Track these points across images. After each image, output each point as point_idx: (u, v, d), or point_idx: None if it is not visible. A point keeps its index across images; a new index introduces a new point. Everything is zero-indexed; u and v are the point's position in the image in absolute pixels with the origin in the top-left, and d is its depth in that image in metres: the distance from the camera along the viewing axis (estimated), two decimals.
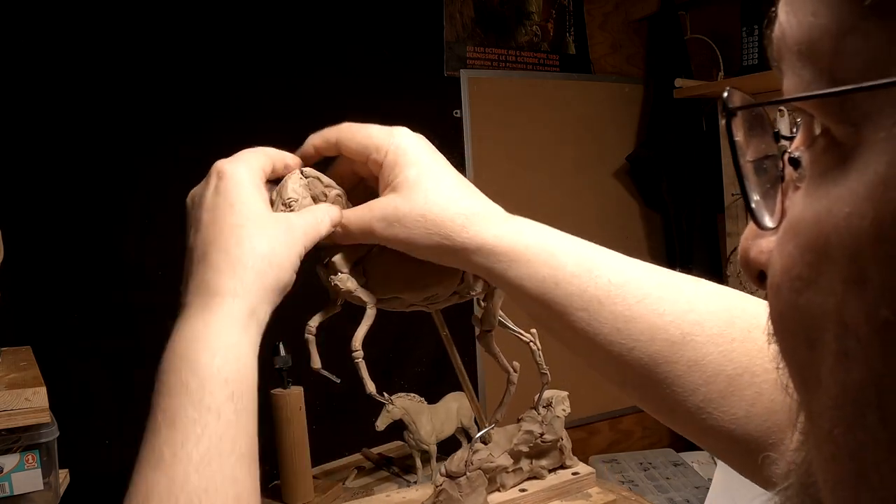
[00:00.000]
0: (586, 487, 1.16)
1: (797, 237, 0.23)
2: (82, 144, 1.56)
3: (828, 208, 0.22)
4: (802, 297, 0.23)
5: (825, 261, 0.22)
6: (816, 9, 0.22)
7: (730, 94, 0.26)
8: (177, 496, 0.41)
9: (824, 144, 0.23)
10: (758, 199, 0.26)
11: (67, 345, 1.53)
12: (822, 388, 0.23)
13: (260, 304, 0.49)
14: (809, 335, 0.23)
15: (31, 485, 1.00)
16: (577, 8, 2.27)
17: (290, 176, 0.58)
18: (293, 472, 1.20)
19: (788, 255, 0.24)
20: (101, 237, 1.58)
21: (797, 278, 0.23)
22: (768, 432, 0.45)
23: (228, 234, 0.49)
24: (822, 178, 0.23)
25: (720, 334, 0.48)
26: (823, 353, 0.23)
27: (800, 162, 0.24)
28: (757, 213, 0.26)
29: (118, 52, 1.59)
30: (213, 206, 0.51)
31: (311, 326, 0.60)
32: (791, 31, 0.23)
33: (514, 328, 0.71)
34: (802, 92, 0.23)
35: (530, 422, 1.10)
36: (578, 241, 0.53)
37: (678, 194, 2.33)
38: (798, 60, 0.23)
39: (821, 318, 0.23)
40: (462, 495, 0.99)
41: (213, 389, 0.44)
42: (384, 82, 1.90)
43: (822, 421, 0.24)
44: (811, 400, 0.25)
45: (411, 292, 0.60)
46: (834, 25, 0.21)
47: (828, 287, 0.22)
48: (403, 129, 0.57)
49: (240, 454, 0.44)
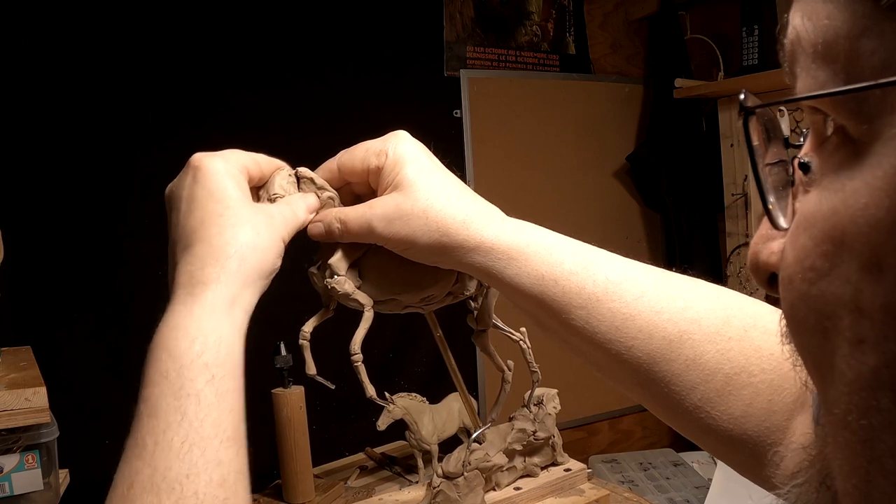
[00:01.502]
0: (579, 483, 1.17)
1: (811, 229, 0.24)
2: (82, 144, 1.56)
3: (844, 200, 0.23)
4: (816, 286, 0.24)
5: (841, 250, 0.23)
6: (831, 12, 0.23)
7: (745, 95, 0.27)
8: (158, 484, 0.41)
9: (837, 142, 0.24)
10: (773, 200, 0.27)
11: (67, 345, 1.53)
12: (837, 376, 0.24)
13: (243, 290, 0.49)
14: (823, 324, 0.24)
15: (31, 485, 1.00)
16: (577, 8, 2.27)
17: (278, 172, 0.58)
18: (294, 471, 1.21)
19: (802, 247, 0.25)
20: (102, 237, 1.58)
21: (810, 269, 0.24)
22: (766, 432, 0.45)
23: (210, 224, 0.50)
24: (837, 173, 0.24)
25: (717, 333, 0.48)
26: (838, 342, 0.24)
27: (809, 166, 0.26)
28: (773, 213, 0.27)
29: (118, 51, 1.59)
30: (192, 197, 0.51)
31: (306, 332, 0.60)
32: (806, 34, 0.24)
33: (505, 327, 0.71)
34: (818, 92, 0.24)
35: (522, 420, 1.11)
36: (575, 241, 0.54)
37: (678, 194, 2.33)
38: (813, 62, 0.24)
39: (835, 307, 0.24)
40: (460, 496, 1.00)
41: (192, 376, 0.44)
42: (384, 82, 1.90)
43: (837, 408, 0.24)
44: (826, 389, 0.25)
45: (408, 294, 0.60)
46: (849, 27, 0.22)
47: (843, 276, 0.23)
48: (402, 131, 0.57)
49: (224, 437, 0.44)
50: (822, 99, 0.23)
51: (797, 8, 0.25)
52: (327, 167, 0.59)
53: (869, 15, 0.21)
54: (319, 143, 1.57)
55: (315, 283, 0.61)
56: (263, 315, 0.52)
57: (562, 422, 1.16)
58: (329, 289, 0.58)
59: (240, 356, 0.48)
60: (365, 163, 0.56)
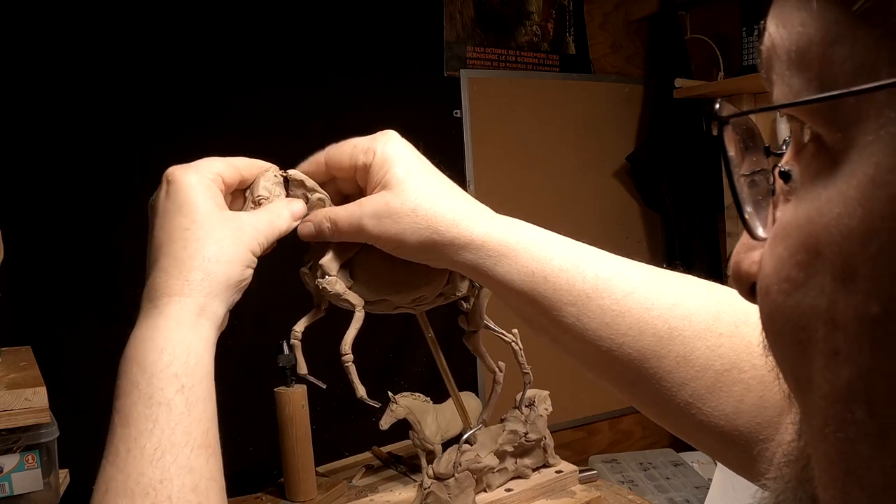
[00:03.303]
0: (570, 485, 1.17)
1: (787, 239, 0.24)
2: (82, 144, 1.56)
3: (818, 210, 0.22)
4: (792, 298, 0.24)
5: (816, 260, 0.23)
6: (804, 19, 0.22)
7: (720, 104, 0.27)
8: (132, 489, 0.42)
9: (814, 150, 0.24)
10: (751, 210, 0.27)
11: (67, 345, 1.53)
12: (814, 388, 0.24)
13: (210, 301, 0.50)
14: (799, 336, 0.24)
15: (31, 485, 1.00)
16: (577, 8, 2.27)
17: (264, 174, 0.59)
18: (296, 469, 1.21)
19: (778, 257, 0.24)
20: (102, 237, 1.58)
21: (786, 280, 0.24)
22: (758, 428, 0.45)
23: (177, 238, 0.51)
24: (813, 182, 0.23)
25: (707, 329, 0.48)
26: (813, 354, 0.23)
27: (790, 175, 0.25)
28: (750, 223, 0.27)
29: (118, 51, 1.59)
30: (164, 212, 0.53)
31: (297, 332, 0.60)
32: (780, 41, 0.24)
33: (497, 329, 0.71)
34: (792, 100, 0.23)
35: (514, 421, 1.11)
36: (565, 238, 0.54)
37: (678, 194, 2.33)
38: (788, 69, 0.23)
39: (810, 318, 0.23)
40: (451, 497, 1.00)
41: (162, 385, 0.46)
42: (384, 82, 1.90)
43: (814, 420, 0.24)
44: (805, 400, 0.25)
45: (399, 294, 0.60)
46: (822, 34, 0.22)
47: (818, 286, 0.23)
48: (391, 131, 0.57)
49: (195, 444, 0.45)
50: (797, 107, 0.23)
51: (772, 15, 0.24)
52: (315, 160, 0.59)
53: (841, 21, 0.21)
54: (319, 142, 1.57)
55: (306, 283, 0.61)
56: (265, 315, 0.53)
57: (562, 422, 1.16)
58: (320, 289, 0.58)
59: (209, 366, 0.49)
60: (353, 159, 0.56)
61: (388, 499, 1.18)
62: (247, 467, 1.38)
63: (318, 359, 0.62)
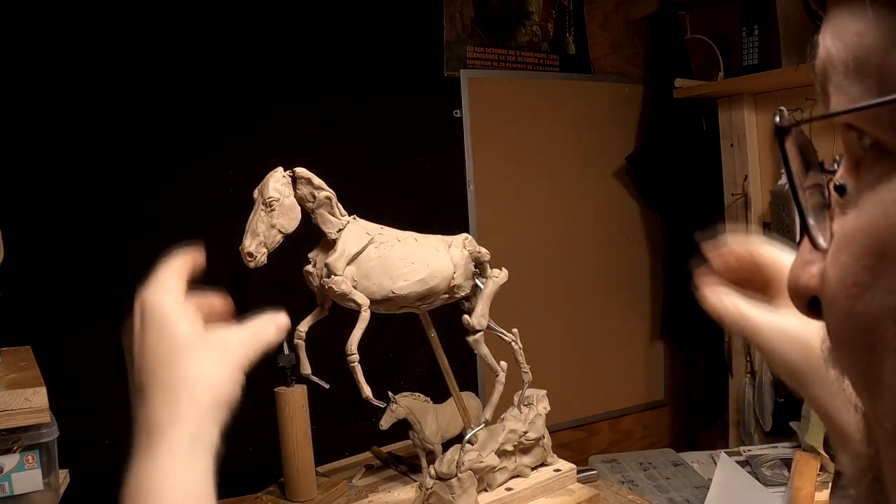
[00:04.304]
0: (568, 483, 1.17)
1: (852, 246, 0.25)
2: (82, 144, 1.56)
3: (883, 213, 0.23)
4: (860, 301, 0.24)
5: (883, 262, 0.23)
6: (861, 29, 0.23)
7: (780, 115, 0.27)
8: None
9: (874, 156, 0.24)
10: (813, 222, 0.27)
11: (67, 345, 1.52)
12: (886, 390, 0.24)
13: (202, 426, 0.50)
14: (869, 339, 0.24)
15: (31, 485, 1.00)
16: (577, 8, 2.27)
17: (273, 174, 0.58)
18: (296, 469, 1.21)
19: (843, 265, 0.25)
20: (102, 237, 1.58)
21: (853, 285, 0.25)
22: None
23: (160, 367, 0.51)
24: (874, 188, 0.24)
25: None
26: (885, 354, 0.24)
27: (845, 189, 0.26)
28: (813, 234, 0.27)
29: (119, 51, 1.58)
30: (143, 342, 0.53)
31: (301, 332, 0.60)
32: (837, 53, 0.24)
33: (498, 328, 0.71)
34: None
35: (513, 420, 1.11)
36: None
37: (678, 194, 2.32)
38: (846, 79, 0.24)
39: (880, 320, 0.24)
40: (453, 497, 0.99)
41: None
42: (384, 82, 1.90)
43: (887, 423, 0.25)
44: (875, 404, 0.25)
45: (405, 293, 0.60)
46: (880, 42, 0.22)
47: (886, 287, 0.23)
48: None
49: None
50: (858, 114, 0.24)
51: (826, 29, 0.25)
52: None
53: None
54: (319, 142, 1.57)
55: (310, 282, 0.61)
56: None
57: (562, 422, 1.16)
58: (326, 288, 0.58)
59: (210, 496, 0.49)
60: None
61: (388, 499, 1.18)
62: (247, 467, 1.38)
63: (318, 359, 0.62)
